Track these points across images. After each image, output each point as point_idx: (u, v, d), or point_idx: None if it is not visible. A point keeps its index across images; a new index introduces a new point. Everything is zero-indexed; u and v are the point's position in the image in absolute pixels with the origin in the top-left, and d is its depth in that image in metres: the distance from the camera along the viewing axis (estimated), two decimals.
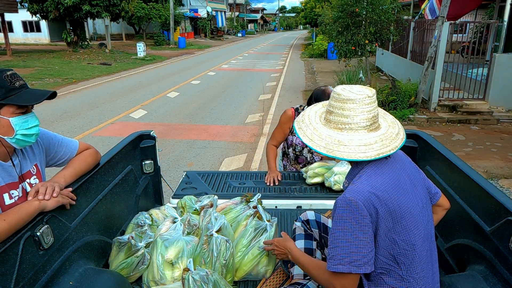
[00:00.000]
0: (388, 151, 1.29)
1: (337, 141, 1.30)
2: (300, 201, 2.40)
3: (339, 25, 9.22)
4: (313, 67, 17.24)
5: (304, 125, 1.41)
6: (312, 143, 1.34)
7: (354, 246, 1.21)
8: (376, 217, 1.23)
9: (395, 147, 1.31)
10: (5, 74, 1.38)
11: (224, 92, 11.20)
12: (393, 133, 1.35)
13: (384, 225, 1.24)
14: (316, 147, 1.32)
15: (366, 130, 1.31)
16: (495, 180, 4.84)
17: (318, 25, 19.07)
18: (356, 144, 1.29)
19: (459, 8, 10.03)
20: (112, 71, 15.38)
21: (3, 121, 1.38)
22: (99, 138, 6.62)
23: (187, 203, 2.13)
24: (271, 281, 1.85)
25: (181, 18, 33.93)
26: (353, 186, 1.27)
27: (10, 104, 1.38)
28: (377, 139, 1.31)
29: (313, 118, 1.43)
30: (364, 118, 1.30)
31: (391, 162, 1.34)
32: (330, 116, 1.35)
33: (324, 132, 1.34)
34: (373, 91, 1.33)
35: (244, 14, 71.42)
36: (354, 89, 1.33)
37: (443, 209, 1.56)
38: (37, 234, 1.36)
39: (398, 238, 1.26)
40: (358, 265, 1.21)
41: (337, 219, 1.25)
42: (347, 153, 1.28)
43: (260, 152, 6.00)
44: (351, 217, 1.22)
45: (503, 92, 7.76)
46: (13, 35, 27.66)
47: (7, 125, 1.39)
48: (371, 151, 1.28)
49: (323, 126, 1.37)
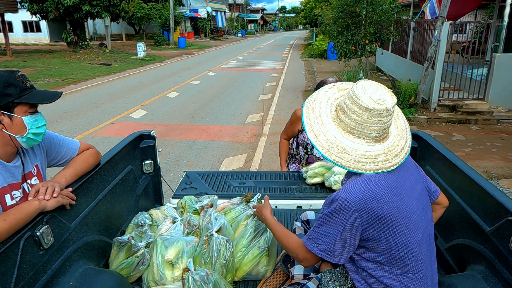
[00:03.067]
0: (389, 167, 1.27)
1: (341, 148, 1.26)
2: (300, 201, 2.40)
3: (339, 25, 9.22)
4: (313, 67, 17.24)
5: (313, 116, 1.33)
6: (317, 140, 1.29)
7: (333, 241, 1.26)
8: (367, 219, 1.23)
9: (396, 163, 1.28)
10: (16, 74, 1.42)
11: (224, 92, 11.20)
12: (399, 147, 1.31)
13: (377, 227, 1.24)
14: (319, 147, 1.28)
15: (374, 140, 1.28)
16: (495, 180, 4.84)
17: (318, 25, 19.06)
18: (359, 154, 1.25)
19: (459, 8, 10.04)
20: (112, 71, 15.39)
21: (16, 120, 1.41)
22: (99, 138, 6.62)
23: (187, 203, 2.12)
24: (271, 281, 1.85)
25: (181, 18, 33.93)
26: (349, 185, 1.27)
27: (23, 103, 1.41)
28: (381, 153, 1.27)
29: (324, 107, 1.35)
30: (376, 129, 1.25)
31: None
32: (342, 115, 1.28)
33: (331, 131, 1.29)
34: (394, 102, 1.24)
35: (244, 14, 71.44)
36: (375, 95, 1.23)
37: (442, 207, 1.57)
38: (37, 234, 1.36)
39: (393, 242, 1.26)
40: (331, 255, 1.27)
41: (326, 212, 1.27)
42: (348, 162, 1.26)
43: (260, 152, 6.00)
44: (340, 215, 1.23)
45: (503, 92, 7.76)
46: (13, 35, 27.66)
47: (20, 124, 1.42)
48: (372, 165, 1.26)
49: (332, 121, 1.31)
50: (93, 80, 13.34)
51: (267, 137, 6.80)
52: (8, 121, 1.40)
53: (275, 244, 1.93)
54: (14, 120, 1.41)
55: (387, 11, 8.95)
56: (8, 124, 1.40)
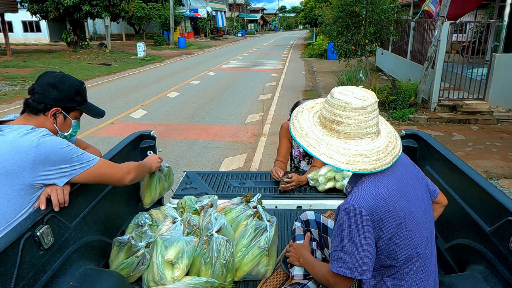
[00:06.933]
0: (398, 152, 1.32)
1: (359, 155, 1.26)
2: (300, 201, 2.40)
3: (339, 25, 9.22)
4: (313, 67, 17.24)
5: (313, 141, 1.30)
6: (334, 161, 1.26)
7: (357, 254, 1.22)
8: (378, 224, 1.23)
9: (400, 146, 1.34)
10: (83, 85, 1.75)
11: (224, 92, 11.20)
12: (390, 134, 1.37)
13: (388, 231, 1.24)
14: (340, 165, 1.26)
15: (376, 135, 1.31)
16: (495, 180, 4.84)
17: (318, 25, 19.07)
18: (374, 152, 1.27)
19: (459, 8, 10.03)
20: (112, 71, 15.38)
21: (68, 121, 1.69)
22: (99, 138, 6.62)
23: (187, 203, 2.12)
24: (271, 281, 1.85)
25: (181, 18, 33.92)
26: (357, 193, 1.26)
27: (78, 110, 1.70)
28: (387, 143, 1.32)
29: (314, 129, 1.33)
30: (374, 124, 1.29)
31: (394, 165, 1.33)
32: (339, 126, 1.27)
33: (339, 146, 1.27)
34: (373, 94, 1.30)
35: (244, 14, 71.40)
36: (358, 95, 1.27)
37: (441, 206, 1.57)
38: (37, 234, 1.36)
39: (401, 243, 1.26)
40: (359, 271, 1.23)
41: (341, 225, 1.24)
42: (371, 165, 1.26)
43: (260, 152, 6.00)
44: (355, 224, 1.22)
45: (503, 92, 7.75)
46: (13, 35, 27.65)
47: (69, 125, 1.70)
48: (388, 156, 1.29)
49: (331, 137, 1.29)
50: (93, 80, 13.34)
51: (267, 137, 6.80)
52: (61, 119, 1.65)
53: (275, 244, 1.93)
54: (67, 121, 1.68)
55: (387, 11, 8.95)
56: (60, 122, 1.65)
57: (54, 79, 1.62)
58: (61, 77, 1.64)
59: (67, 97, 1.63)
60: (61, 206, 1.50)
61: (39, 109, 1.58)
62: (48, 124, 1.60)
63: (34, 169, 1.43)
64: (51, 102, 1.59)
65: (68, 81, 1.65)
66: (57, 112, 1.62)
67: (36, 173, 1.43)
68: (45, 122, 1.60)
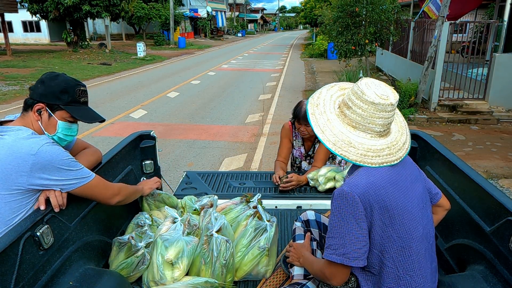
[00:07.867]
0: (393, 161, 1.30)
1: (348, 142, 1.29)
2: (300, 201, 2.40)
3: (339, 25, 9.22)
4: (313, 67, 17.23)
5: (318, 112, 1.36)
6: (323, 136, 1.32)
7: (348, 240, 1.24)
8: (371, 212, 1.24)
9: (399, 157, 1.32)
10: (79, 87, 1.63)
11: (224, 92, 11.19)
12: (400, 142, 1.35)
13: (380, 220, 1.25)
14: (326, 141, 1.31)
15: (378, 135, 1.31)
16: (495, 180, 4.84)
17: (318, 25, 19.07)
18: (365, 148, 1.28)
19: (459, 8, 10.03)
20: (112, 71, 15.38)
21: (53, 120, 1.58)
22: (99, 138, 6.62)
23: (187, 203, 2.13)
24: (271, 281, 1.85)
25: (181, 18, 33.91)
26: (351, 179, 1.29)
27: (65, 110, 1.58)
28: (385, 147, 1.31)
29: (328, 104, 1.38)
30: (380, 124, 1.29)
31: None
32: (347, 110, 1.31)
33: (337, 126, 1.32)
34: (396, 98, 1.29)
35: (244, 14, 71.39)
36: (379, 91, 1.28)
37: (444, 209, 1.57)
38: (37, 234, 1.36)
39: (395, 235, 1.27)
40: (351, 258, 1.24)
41: (335, 210, 1.27)
42: (354, 155, 1.28)
43: (260, 152, 6.00)
44: (347, 209, 1.24)
45: (503, 92, 7.75)
46: (13, 35, 27.64)
47: (53, 125, 1.59)
48: (377, 158, 1.28)
49: (337, 118, 1.34)
50: (93, 80, 13.34)
51: (267, 137, 6.80)
52: (45, 117, 1.57)
53: (275, 244, 1.93)
54: (51, 119, 1.58)
55: (387, 10, 8.95)
56: (45, 120, 1.57)
57: (47, 76, 1.59)
58: (55, 76, 1.59)
59: (52, 93, 1.55)
60: (60, 208, 1.51)
61: (28, 105, 1.56)
62: (33, 121, 1.56)
63: (30, 176, 1.42)
64: (37, 98, 1.55)
65: (59, 79, 1.58)
66: (41, 108, 1.55)
67: (32, 179, 1.43)
68: (32, 118, 1.56)
